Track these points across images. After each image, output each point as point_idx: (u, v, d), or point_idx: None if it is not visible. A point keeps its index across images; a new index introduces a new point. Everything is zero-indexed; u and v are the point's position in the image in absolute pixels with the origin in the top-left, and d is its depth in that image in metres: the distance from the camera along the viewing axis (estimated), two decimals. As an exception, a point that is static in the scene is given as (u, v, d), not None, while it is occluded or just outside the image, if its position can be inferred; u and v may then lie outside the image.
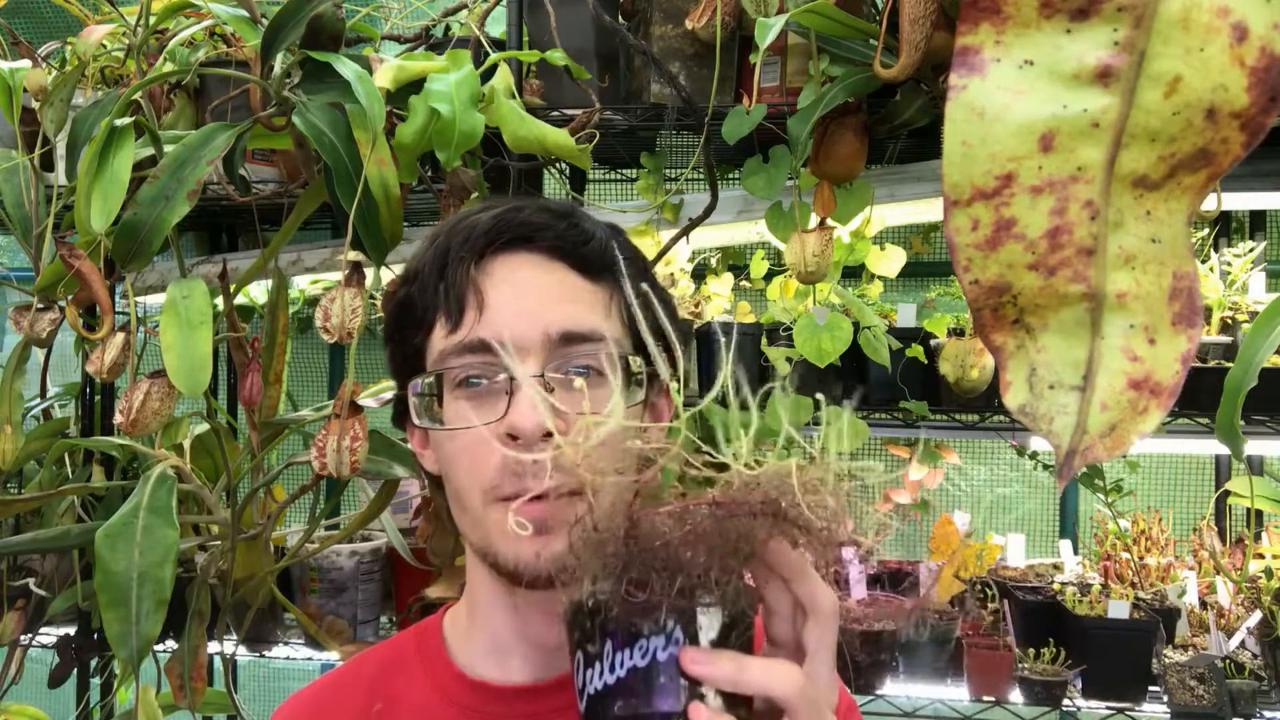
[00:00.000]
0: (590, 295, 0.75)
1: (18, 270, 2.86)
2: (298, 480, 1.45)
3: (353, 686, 0.82)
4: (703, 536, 0.52)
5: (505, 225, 0.74)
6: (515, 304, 0.72)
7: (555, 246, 0.74)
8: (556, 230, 0.75)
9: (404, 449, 1.35)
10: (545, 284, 0.74)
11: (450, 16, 1.77)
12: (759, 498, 0.52)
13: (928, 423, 1.84)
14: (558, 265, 0.75)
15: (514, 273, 0.74)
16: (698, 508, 0.52)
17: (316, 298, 2.41)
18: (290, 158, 1.70)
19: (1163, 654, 1.74)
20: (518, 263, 0.74)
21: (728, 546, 0.52)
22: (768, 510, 0.52)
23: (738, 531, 0.52)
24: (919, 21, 1.24)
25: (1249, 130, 0.35)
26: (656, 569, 0.52)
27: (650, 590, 0.52)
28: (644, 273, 0.79)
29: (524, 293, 0.73)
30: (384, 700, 0.79)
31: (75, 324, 1.20)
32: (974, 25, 0.37)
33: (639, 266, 0.80)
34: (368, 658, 0.85)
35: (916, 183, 1.67)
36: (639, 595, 0.52)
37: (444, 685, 0.78)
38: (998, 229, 0.38)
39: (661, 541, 0.51)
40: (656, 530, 0.52)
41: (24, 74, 1.48)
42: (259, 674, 3.03)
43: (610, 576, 0.53)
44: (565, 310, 0.73)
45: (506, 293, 0.73)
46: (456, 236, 0.75)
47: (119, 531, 1.13)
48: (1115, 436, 0.38)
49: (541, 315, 0.72)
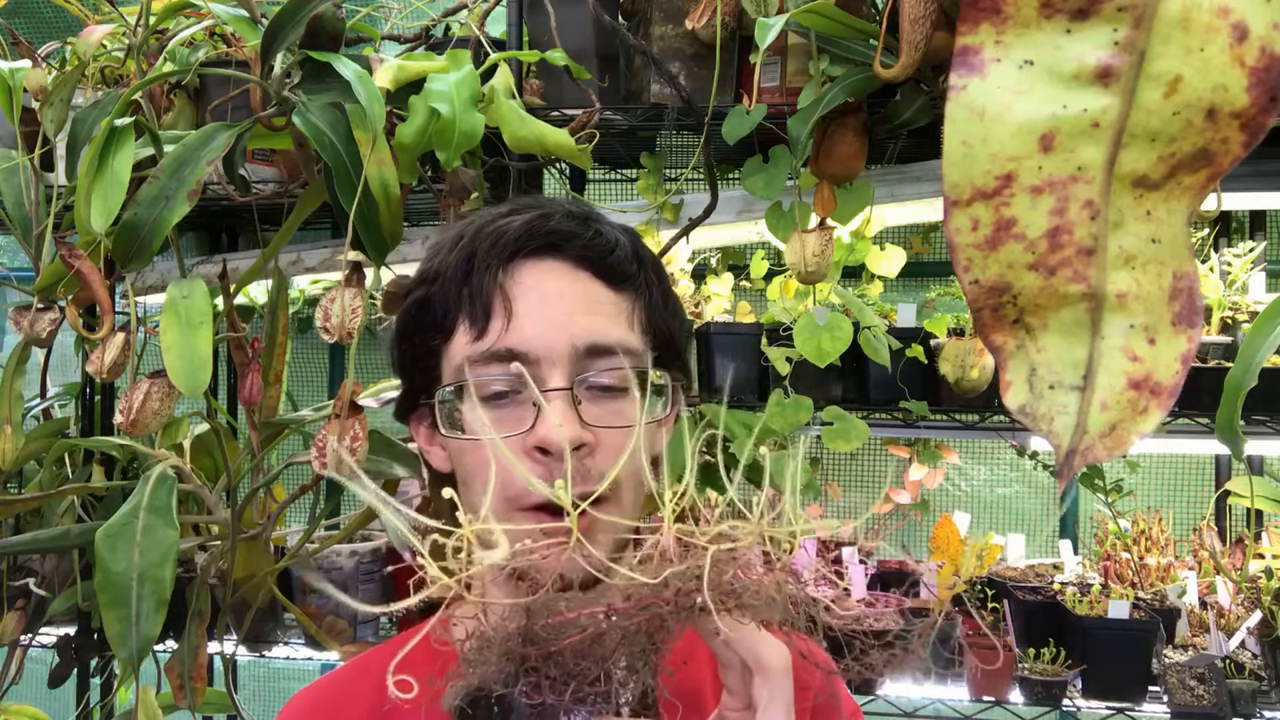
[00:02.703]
0: (614, 307, 0.75)
1: (18, 270, 2.87)
2: (298, 480, 1.45)
3: (362, 683, 0.82)
4: (602, 639, 0.48)
5: (534, 232, 0.74)
6: (543, 314, 0.72)
7: (582, 256, 0.75)
8: (583, 239, 0.75)
9: (404, 449, 1.35)
10: (572, 294, 0.74)
11: (450, 16, 1.77)
12: (669, 594, 0.49)
13: (928, 423, 1.84)
14: (583, 275, 0.75)
15: (541, 281, 0.74)
16: (594, 616, 0.49)
17: (316, 298, 2.41)
18: (290, 158, 1.70)
19: (1163, 654, 1.74)
20: (545, 271, 0.74)
21: (635, 644, 0.49)
22: (682, 605, 0.49)
23: (647, 628, 0.49)
24: (919, 21, 1.24)
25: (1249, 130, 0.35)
26: (555, 674, 0.49)
27: (553, 689, 0.49)
28: (664, 282, 0.80)
29: (551, 302, 0.73)
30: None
31: (75, 324, 1.20)
32: (974, 25, 0.37)
33: (659, 275, 0.80)
34: (376, 654, 0.85)
35: (916, 183, 1.67)
36: (537, 696, 0.49)
37: None
38: (998, 229, 0.38)
39: (560, 646, 0.48)
40: (557, 632, 0.49)
41: (24, 74, 1.48)
42: (259, 674, 3.03)
43: (506, 676, 0.50)
44: (591, 322, 0.73)
45: (535, 302, 0.72)
46: (483, 241, 0.74)
47: (119, 531, 1.13)
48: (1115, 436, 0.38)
49: (568, 326, 0.72)
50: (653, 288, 0.78)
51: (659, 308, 0.78)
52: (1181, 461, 2.58)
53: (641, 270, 0.77)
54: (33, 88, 1.48)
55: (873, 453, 2.69)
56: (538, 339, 0.71)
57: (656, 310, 0.78)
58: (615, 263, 0.75)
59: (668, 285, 0.81)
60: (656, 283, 0.79)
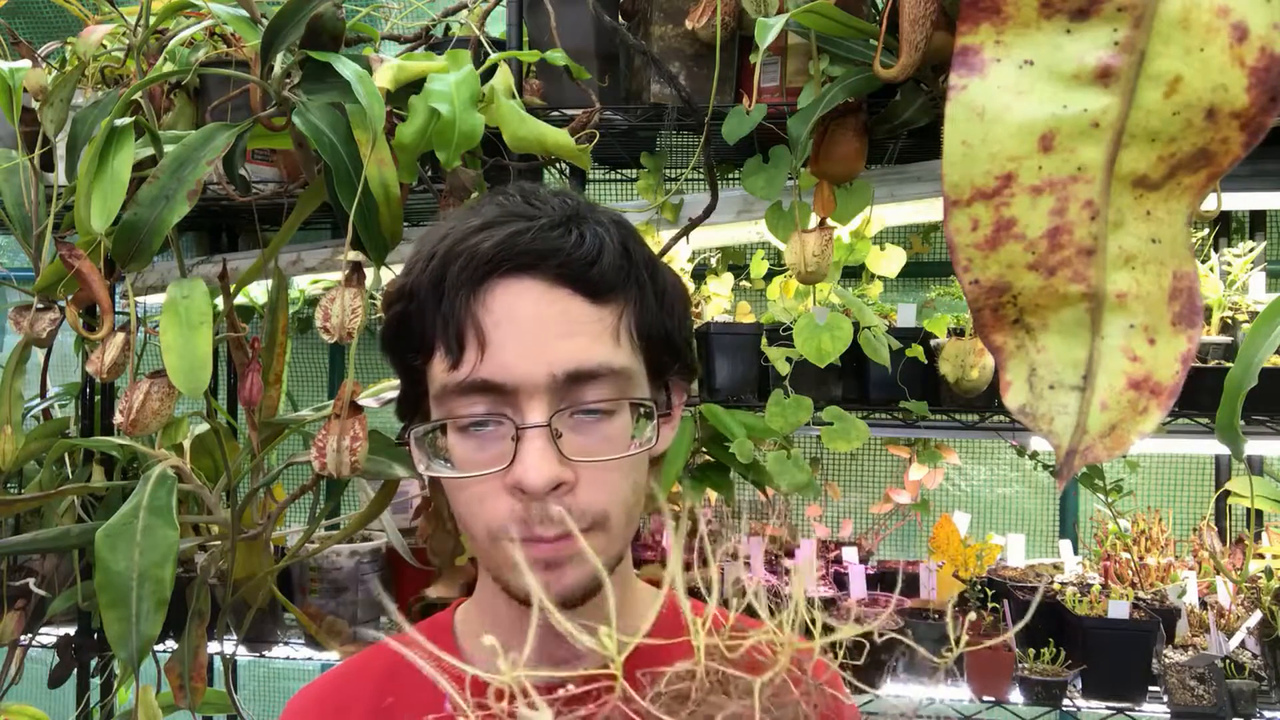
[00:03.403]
0: (597, 324, 0.70)
1: (18, 270, 2.87)
2: (298, 480, 1.45)
3: (364, 680, 0.82)
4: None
5: (506, 253, 0.69)
6: (518, 344, 0.68)
7: (560, 274, 0.69)
8: (561, 256, 0.69)
9: (404, 449, 1.35)
10: (548, 318, 0.69)
11: (450, 16, 1.78)
12: None
13: (928, 423, 1.84)
14: (562, 293, 0.69)
15: (514, 307, 0.68)
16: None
17: (316, 298, 2.41)
18: (290, 158, 1.70)
19: (1163, 654, 1.74)
20: (519, 293, 0.69)
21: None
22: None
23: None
24: (919, 21, 1.24)
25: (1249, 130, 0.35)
26: None
27: None
28: (657, 279, 0.75)
29: (526, 330, 0.68)
30: (394, 694, 0.80)
31: (75, 324, 1.20)
32: (974, 25, 0.37)
33: (652, 272, 0.75)
34: (379, 652, 0.85)
35: (916, 183, 1.67)
36: None
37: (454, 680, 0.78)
38: (998, 229, 0.38)
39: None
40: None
41: (24, 74, 1.48)
42: (259, 674, 3.04)
43: None
44: (571, 346, 0.68)
45: (509, 332, 0.68)
46: (454, 261, 0.70)
47: (119, 531, 1.13)
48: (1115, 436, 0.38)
49: (545, 354, 0.68)
50: (644, 288, 0.73)
51: (651, 309, 0.73)
52: (1181, 461, 2.58)
53: (631, 271, 0.72)
54: (33, 88, 1.48)
55: (873, 453, 2.69)
56: (514, 369, 0.67)
57: (649, 313, 0.73)
58: (597, 275, 0.70)
59: (663, 280, 0.76)
60: (649, 281, 0.74)
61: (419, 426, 0.73)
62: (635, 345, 0.72)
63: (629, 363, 0.71)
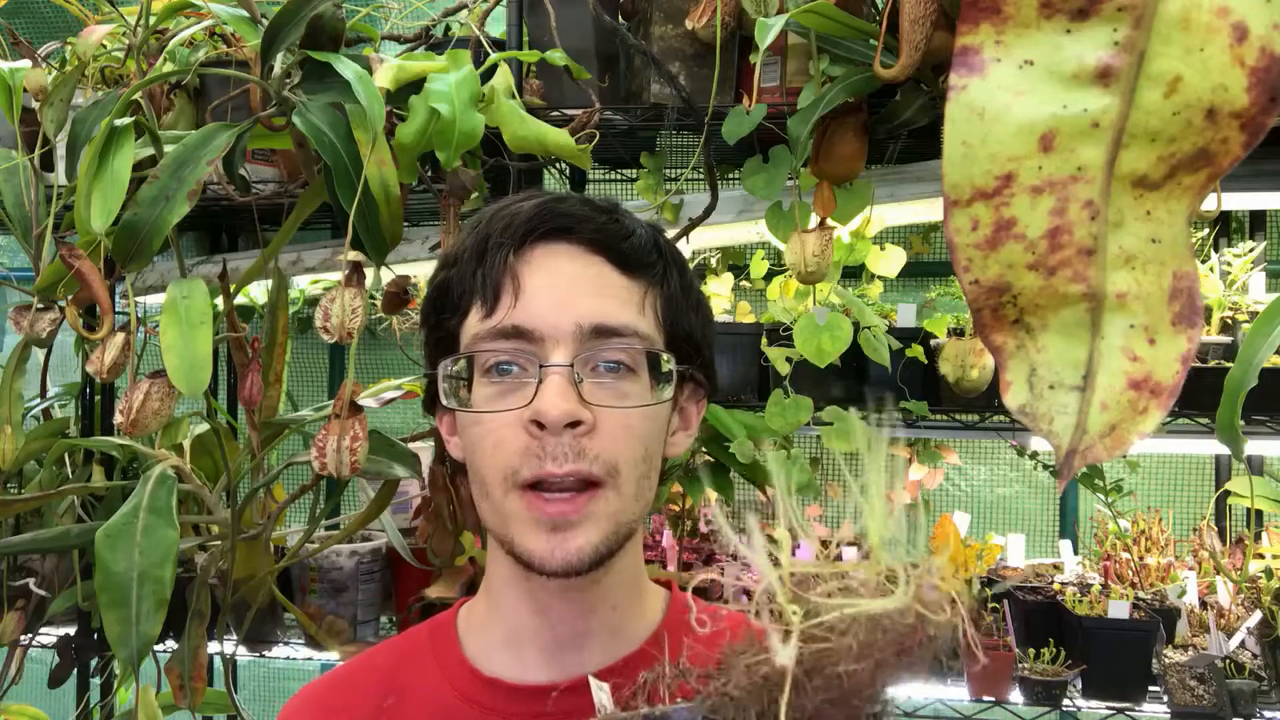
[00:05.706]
0: (625, 291, 0.75)
1: (18, 270, 2.87)
2: (298, 480, 1.45)
3: (365, 679, 0.82)
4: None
5: (547, 214, 0.75)
6: (550, 293, 0.73)
7: (595, 240, 0.75)
8: (597, 223, 0.75)
9: (404, 449, 1.35)
10: (581, 276, 0.74)
11: (450, 16, 1.77)
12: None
13: (928, 423, 1.84)
14: (596, 259, 0.75)
15: (551, 262, 0.74)
16: None
17: (316, 298, 2.41)
18: (290, 158, 1.70)
19: (1163, 654, 1.74)
20: (556, 253, 0.75)
21: None
22: None
23: None
24: (919, 21, 1.24)
25: (1249, 130, 0.35)
26: None
27: None
28: (685, 276, 0.80)
29: (559, 283, 0.73)
30: (395, 694, 0.80)
31: (75, 324, 1.20)
32: (974, 25, 0.37)
33: (680, 269, 0.80)
34: (381, 650, 0.85)
35: (916, 183, 1.66)
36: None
37: (456, 680, 0.78)
38: (998, 229, 0.38)
39: None
40: None
41: (24, 74, 1.48)
42: (259, 674, 3.04)
43: None
44: (599, 303, 0.73)
45: (543, 281, 0.73)
46: (497, 223, 0.75)
47: (119, 531, 1.13)
48: (1115, 436, 0.38)
49: (575, 306, 0.72)
50: (671, 280, 0.78)
51: (677, 299, 0.78)
52: (1181, 461, 2.58)
53: (660, 260, 0.77)
54: (33, 88, 1.48)
55: (872, 453, 2.68)
56: (543, 317, 0.72)
57: (675, 302, 0.77)
58: (629, 248, 0.75)
59: (690, 280, 0.80)
60: (677, 276, 0.78)
61: (444, 363, 0.76)
62: (659, 323, 0.76)
63: (652, 332, 0.75)
